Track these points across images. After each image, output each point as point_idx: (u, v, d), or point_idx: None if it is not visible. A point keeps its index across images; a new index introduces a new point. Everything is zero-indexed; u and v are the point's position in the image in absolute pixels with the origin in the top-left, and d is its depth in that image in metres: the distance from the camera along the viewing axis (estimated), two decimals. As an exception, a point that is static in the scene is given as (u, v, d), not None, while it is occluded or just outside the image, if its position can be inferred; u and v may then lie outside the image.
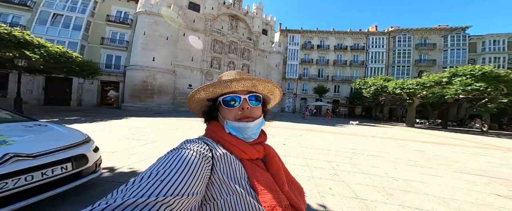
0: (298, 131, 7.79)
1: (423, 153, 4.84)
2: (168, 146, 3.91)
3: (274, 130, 7.63)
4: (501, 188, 2.64)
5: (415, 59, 24.59)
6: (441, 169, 3.42)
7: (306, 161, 3.45)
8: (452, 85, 10.68)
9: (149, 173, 0.32)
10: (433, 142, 7.02)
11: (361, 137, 7.06)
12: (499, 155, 5.13)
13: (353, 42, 27.05)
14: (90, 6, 13.75)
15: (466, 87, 10.00)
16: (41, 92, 12.52)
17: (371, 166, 3.35)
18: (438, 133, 10.44)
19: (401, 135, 8.43)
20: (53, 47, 8.25)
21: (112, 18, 14.86)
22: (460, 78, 9.98)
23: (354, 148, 4.94)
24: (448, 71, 10.89)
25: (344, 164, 3.41)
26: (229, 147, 0.47)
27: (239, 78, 0.51)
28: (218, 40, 19.20)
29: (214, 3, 18.25)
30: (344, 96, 25.40)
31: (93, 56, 13.87)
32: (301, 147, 4.64)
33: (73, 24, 13.16)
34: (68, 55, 8.75)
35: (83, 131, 2.07)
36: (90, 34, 14.01)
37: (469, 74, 9.72)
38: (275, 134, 6.51)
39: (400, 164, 3.63)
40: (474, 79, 9.62)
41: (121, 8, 15.36)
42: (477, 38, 23.26)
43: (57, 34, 12.76)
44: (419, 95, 13.01)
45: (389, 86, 14.39)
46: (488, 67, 9.60)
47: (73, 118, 7.46)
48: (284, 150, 4.20)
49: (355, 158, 3.85)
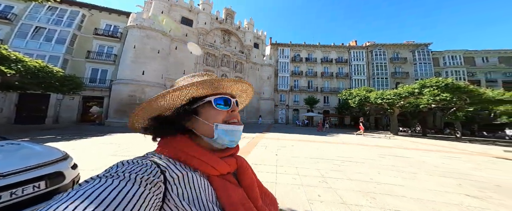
0: (290, 141, 7.88)
1: (405, 159, 5.15)
2: (155, 161, 3.74)
3: (267, 141, 7.64)
4: (470, 188, 2.89)
5: (391, 71, 27.14)
6: (419, 173, 3.67)
7: (297, 170, 3.51)
8: (424, 95, 11.87)
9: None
10: (414, 148, 7.49)
11: (349, 145, 7.33)
12: (471, 159, 5.59)
13: (338, 56, 29.35)
14: (78, 20, 13.58)
15: (435, 97, 11.18)
16: (12, 109, 11.45)
17: (358, 172, 3.49)
18: (419, 140, 11.16)
19: (386, 143, 8.87)
20: (32, 62, 7.83)
21: (101, 31, 14.66)
22: (429, 89, 11.18)
23: (342, 156, 5.11)
24: (418, 83, 12.17)
25: (333, 171, 3.51)
26: (196, 163, 0.40)
27: (237, 80, 0.49)
28: (211, 53, 19.76)
29: (206, 18, 19.16)
30: (333, 107, 26.53)
31: (77, 71, 13.32)
32: (292, 157, 4.70)
33: (56, 38, 12.73)
34: (47, 70, 8.32)
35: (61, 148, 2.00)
36: (75, 47, 13.60)
37: (435, 85, 10.98)
38: (268, 145, 6.53)
39: (384, 169, 3.82)
40: (440, 90, 10.85)
41: (111, 22, 15.31)
42: (439, 53, 26.69)
43: (38, 48, 12.20)
44: (398, 105, 14.16)
45: (371, 97, 15.54)
46: (450, 79, 10.97)
47: (46, 137, 6.85)
48: (276, 160, 4.23)
49: (343, 166, 3.99)
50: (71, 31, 13.24)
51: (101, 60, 14.40)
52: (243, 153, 4.95)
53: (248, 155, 4.76)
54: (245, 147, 6.06)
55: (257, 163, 3.96)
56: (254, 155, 4.71)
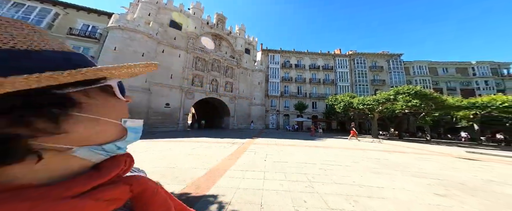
0: (279, 146, 7.93)
1: (383, 161, 5.51)
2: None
3: (256, 146, 7.59)
4: (439, 188, 3.17)
5: (371, 79, 29.47)
6: (395, 174, 3.94)
7: (285, 175, 3.52)
8: (398, 101, 13.09)
9: None
10: (390, 150, 8.08)
11: (335, 149, 7.62)
12: (438, 160, 6.18)
13: (324, 63, 31.09)
14: (49, 18, 12.46)
15: (408, 103, 12.40)
16: None
17: (342, 176, 3.63)
18: (395, 143, 12.10)
19: (367, 146, 9.44)
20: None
21: (76, 31, 13.61)
22: (402, 96, 12.41)
23: (329, 160, 5.28)
24: (393, 90, 13.45)
25: (319, 175, 3.60)
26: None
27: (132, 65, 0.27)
28: (201, 57, 19.44)
29: (197, 23, 19.04)
30: (321, 112, 27.62)
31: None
32: (281, 162, 4.72)
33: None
34: None
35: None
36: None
37: (406, 92, 12.24)
38: (258, 151, 6.49)
39: (365, 172, 4.04)
40: (410, 96, 12.11)
41: (90, 22, 14.37)
42: (409, 63, 29.87)
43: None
44: (377, 110, 15.31)
45: (354, 102, 16.60)
46: (418, 87, 12.36)
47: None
48: (265, 166, 4.21)
49: (329, 170, 4.12)
50: (42, 29, 12.09)
51: (77, 61, 13.27)
52: (232, 159, 4.85)
53: (237, 161, 4.66)
54: (235, 152, 5.95)
55: (246, 169, 3.90)
56: (243, 161, 4.63)
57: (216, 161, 4.55)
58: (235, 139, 10.29)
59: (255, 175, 3.53)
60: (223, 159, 4.81)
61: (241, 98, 23.40)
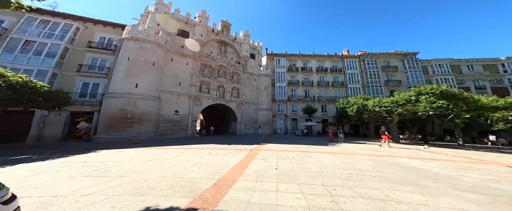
0: (290, 152, 7.40)
1: (416, 170, 4.75)
2: (135, 181, 3.21)
3: (266, 153, 7.15)
4: (508, 208, 2.49)
5: (384, 80, 27.86)
6: (439, 188, 3.26)
7: (300, 187, 3.05)
8: (420, 103, 11.85)
9: None
10: (421, 157, 7.12)
11: (354, 156, 6.90)
12: (487, 169, 5.20)
13: (332, 65, 30.13)
14: (71, 33, 13.45)
15: (432, 105, 11.15)
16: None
17: (370, 188, 3.06)
18: (422, 148, 10.82)
19: (390, 152, 8.49)
20: (15, 77, 7.45)
21: (95, 44, 14.47)
22: (425, 96, 11.21)
23: (349, 168, 4.68)
24: (414, 90, 12.11)
25: (342, 187, 3.07)
26: None
27: None
28: (207, 64, 19.76)
29: (203, 30, 19.53)
30: (331, 115, 26.39)
31: (67, 85, 12.81)
32: (294, 171, 4.24)
33: (47, 51, 12.40)
34: (31, 85, 7.90)
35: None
36: (65, 61, 13.23)
37: (430, 92, 11.01)
38: (267, 157, 6.05)
39: (397, 184, 3.41)
40: (435, 97, 10.89)
41: (106, 35, 15.24)
42: (427, 62, 27.95)
43: (26, 63, 11.75)
44: (396, 113, 14.07)
45: (369, 105, 15.49)
46: (443, 86, 11.00)
47: (22, 157, 6.15)
48: (276, 176, 3.76)
49: (352, 180, 3.55)
50: (63, 44, 13.01)
51: (93, 73, 14.01)
52: (241, 168, 4.46)
53: (246, 170, 4.26)
54: (243, 159, 5.55)
55: (256, 179, 3.48)
56: (252, 170, 4.22)
57: (224, 170, 4.19)
58: (243, 145, 9.91)
59: (267, 186, 3.10)
60: (231, 168, 4.44)
61: (247, 104, 23.17)
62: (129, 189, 2.84)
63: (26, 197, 2.53)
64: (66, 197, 2.55)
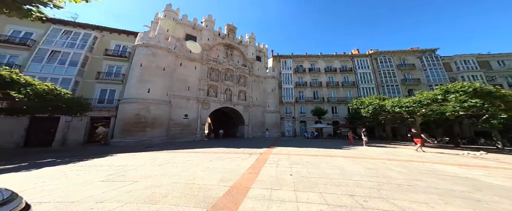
0: (303, 156, 7.04)
1: (463, 179, 4.08)
2: (149, 187, 3.14)
3: (277, 156, 6.86)
4: None
5: (401, 78, 26.22)
6: (500, 202, 2.72)
7: (323, 197, 2.76)
8: (449, 102, 10.71)
9: None
10: (461, 164, 6.32)
11: (377, 161, 6.35)
12: None
13: (341, 64, 29.10)
14: (90, 42, 14.38)
15: (463, 104, 10.00)
16: (22, 134, 11.48)
17: (411, 201, 2.66)
18: (456, 152, 9.70)
19: (418, 156, 7.68)
20: (41, 85, 7.94)
21: (111, 52, 15.35)
22: (454, 95, 10.06)
23: (376, 175, 4.23)
24: (439, 89, 11.01)
25: (374, 199, 2.72)
26: None
27: None
28: (214, 68, 20.04)
29: (209, 34, 19.96)
30: (343, 117, 25.30)
31: (87, 92, 13.66)
32: (312, 177, 3.93)
33: (69, 60, 13.34)
34: (56, 92, 8.39)
35: (9, 188, 1.51)
36: (86, 69, 14.16)
37: (461, 91, 9.81)
38: (279, 162, 5.77)
39: (445, 196, 2.91)
40: (467, 95, 9.74)
41: (120, 42, 16.12)
42: (448, 58, 25.89)
43: (52, 72, 12.72)
44: (419, 114, 12.91)
45: (386, 105, 14.47)
46: (477, 84, 9.72)
47: (46, 160, 6.51)
48: (293, 183, 3.49)
49: (384, 190, 3.16)
50: (83, 53, 13.94)
51: (110, 80, 14.81)
52: (253, 173, 4.25)
53: (258, 176, 4.04)
54: (254, 164, 5.34)
55: (271, 187, 3.25)
56: (266, 176, 3.98)
57: (236, 176, 4.01)
58: (252, 148, 9.69)
59: (284, 195, 2.85)
60: (243, 173, 4.24)
61: (254, 107, 23.03)
62: (143, 196, 2.76)
63: (46, 202, 2.55)
64: (82, 203, 2.52)
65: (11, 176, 4.26)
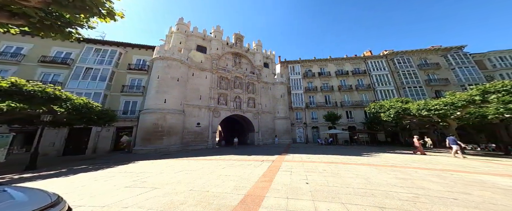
0: (318, 164, 6.72)
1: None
2: (167, 194, 3.28)
3: (290, 164, 6.66)
4: None
5: (425, 79, 24.18)
6: None
7: (346, 208, 2.58)
8: (489, 103, 9.41)
9: None
10: (508, 174, 5.43)
11: (407, 169, 5.76)
12: None
13: (353, 67, 28.02)
14: (116, 58, 16.16)
15: (508, 105, 8.68)
16: (62, 143, 12.97)
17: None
18: (507, 161, 8.31)
19: (458, 165, 6.75)
20: (78, 99, 8.97)
21: (133, 66, 17.02)
22: (495, 96, 8.81)
23: (409, 186, 3.78)
24: (476, 89, 9.86)
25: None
26: None
27: None
28: (224, 76, 20.76)
29: (218, 44, 20.98)
30: (359, 122, 23.83)
31: (114, 104, 15.12)
32: (331, 186, 3.73)
33: (99, 76, 15.05)
34: (89, 105, 9.39)
35: (55, 191, 1.74)
36: (113, 83, 15.75)
37: (503, 90, 8.64)
38: (293, 169, 5.59)
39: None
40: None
41: (141, 57, 17.84)
42: (481, 55, 23.34)
43: (86, 87, 14.40)
44: (453, 117, 11.50)
45: (411, 108, 13.22)
46: None
47: (81, 166, 7.24)
48: (310, 192, 3.34)
49: (422, 202, 2.80)
50: (110, 68, 15.69)
51: (132, 92, 16.28)
52: (266, 181, 4.18)
53: (272, 184, 3.95)
54: (267, 172, 5.25)
55: (287, 196, 3.15)
56: (280, 185, 3.88)
57: (249, 184, 3.98)
58: (263, 155, 9.55)
59: (302, 205, 2.74)
60: (256, 181, 4.20)
61: (264, 113, 22.95)
62: (162, 203, 2.89)
63: (81, 206, 2.82)
64: (110, 207, 2.73)
65: (54, 180, 4.82)
